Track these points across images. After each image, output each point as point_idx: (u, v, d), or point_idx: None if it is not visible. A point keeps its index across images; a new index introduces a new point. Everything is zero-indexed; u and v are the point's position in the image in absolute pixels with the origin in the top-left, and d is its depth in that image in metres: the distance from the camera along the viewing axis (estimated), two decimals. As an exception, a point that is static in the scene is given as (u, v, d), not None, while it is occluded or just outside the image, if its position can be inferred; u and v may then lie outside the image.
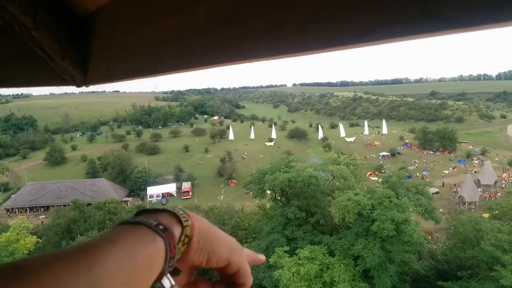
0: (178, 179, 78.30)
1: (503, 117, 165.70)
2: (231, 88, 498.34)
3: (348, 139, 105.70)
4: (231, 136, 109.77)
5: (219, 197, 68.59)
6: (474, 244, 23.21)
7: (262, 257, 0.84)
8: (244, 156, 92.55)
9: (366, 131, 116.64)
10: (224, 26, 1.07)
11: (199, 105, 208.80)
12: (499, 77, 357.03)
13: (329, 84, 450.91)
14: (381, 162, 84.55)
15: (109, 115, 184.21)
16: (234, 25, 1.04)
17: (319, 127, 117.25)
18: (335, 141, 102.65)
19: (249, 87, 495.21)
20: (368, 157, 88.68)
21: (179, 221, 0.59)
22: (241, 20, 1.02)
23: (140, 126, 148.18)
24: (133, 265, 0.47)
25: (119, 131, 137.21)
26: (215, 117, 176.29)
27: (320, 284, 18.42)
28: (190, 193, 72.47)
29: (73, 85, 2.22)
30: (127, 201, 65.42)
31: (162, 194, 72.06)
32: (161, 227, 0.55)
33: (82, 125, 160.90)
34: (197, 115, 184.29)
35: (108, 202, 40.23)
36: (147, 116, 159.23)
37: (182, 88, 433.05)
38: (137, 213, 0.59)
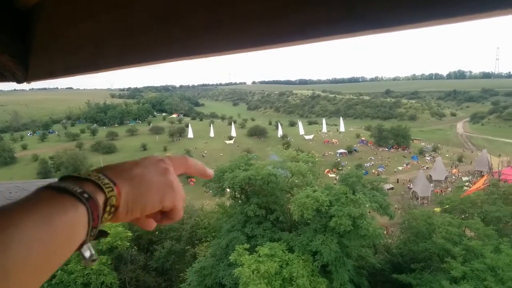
0: (136, 179, 76.59)
1: (453, 115, 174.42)
2: (190, 85, 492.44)
3: (307, 137, 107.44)
4: (190, 134, 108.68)
5: (178, 196, 67.68)
6: (426, 238, 24.16)
7: (210, 172, 0.90)
8: (204, 154, 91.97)
9: (324, 129, 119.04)
10: (165, 22, 1.05)
11: (157, 103, 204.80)
12: (449, 76, 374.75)
13: (288, 82, 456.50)
14: (339, 159, 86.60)
15: (62, 112, 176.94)
16: (174, 21, 1.02)
17: (279, 125, 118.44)
18: (294, 139, 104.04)
19: (208, 85, 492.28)
20: (326, 154, 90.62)
21: (103, 191, 0.56)
22: (181, 16, 1.01)
23: (95, 124, 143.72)
24: (51, 230, 0.45)
25: (73, 130, 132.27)
26: (174, 115, 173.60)
27: (279, 281, 18.59)
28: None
29: (13, 81, 2.11)
30: (82, 202, 63.17)
31: (119, 194, 70.27)
32: (85, 195, 0.52)
33: (32, 123, 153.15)
34: (155, 113, 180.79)
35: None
36: (103, 114, 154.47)
37: (139, 85, 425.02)
38: (62, 178, 0.57)
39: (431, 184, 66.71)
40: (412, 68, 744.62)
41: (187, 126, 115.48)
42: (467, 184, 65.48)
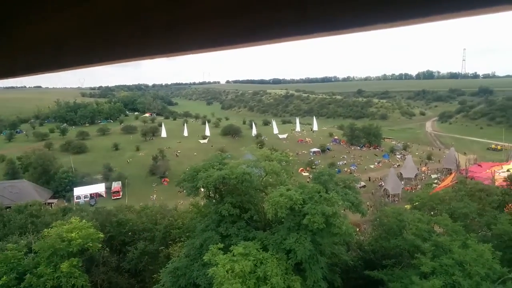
0: (107, 179, 75.28)
1: (422, 114, 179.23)
2: (164, 84, 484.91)
3: (281, 136, 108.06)
4: (163, 133, 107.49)
5: (151, 197, 67.09)
6: (397, 234, 24.67)
7: None
8: (178, 154, 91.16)
9: (298, 128, 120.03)
10: (126, 21, 1.03)
11: (130, 102, 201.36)
12: (418, 76, 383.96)
13: (262, 82, 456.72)
14: (312, 158, 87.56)
15: (30, 112, 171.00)
16: (135, 20, 1.01)
17: (253, 124, 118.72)
18: (269, 138, 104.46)
19: (182, 84, 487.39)
20: (300, 153, 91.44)
21: None
22: (141, 16, 0.99)
23: (65, 124, 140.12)
24: None
25: (42, 129, 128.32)
26: (147, 114, 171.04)
27: (254, 280, 18.61)
28: (121, 193, 70.19)
29: (-28, 80, 2.03)
30: (51, 203, 61.67)
31: (91, 195, 68.94)
32: None
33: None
34: (127, 112, 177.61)
35: (30, 205, 37.60)
36: (73, 113, 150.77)
37: (111, 84, 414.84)
38: None
39: (402, 182, 68.40)
40: (382, 68, 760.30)
41: (160, 126, 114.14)
42: (436, 181, 67.46)
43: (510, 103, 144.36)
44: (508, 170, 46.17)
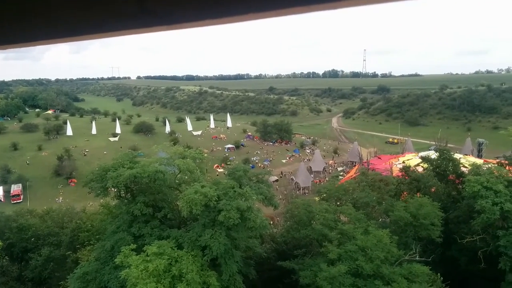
0: (5, 182, 68.51)
1: (329, 110, 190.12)
2: (68, 79, 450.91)
3: (195, 133, 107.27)
4: (69, 131, 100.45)
5: (57, 199, 62.72)
6: (306, 225, 25.95)
7: None
8: (85, 153, 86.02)
9: (212, 125, 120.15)
10: None
11: (29, 98, 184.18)
12: (324, 75, 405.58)
13: (174, 78, 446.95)
14: (227, 154, 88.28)
15: None
16: None
17: (166, 121, 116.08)
18: (183, 135, 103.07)
19: (88, 79, 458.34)
20: (214, 150, 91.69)
21: None
22: None
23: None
24: None
25: None
26: (50, 111, 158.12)
27: (169, 278, 18.38)
28: (22, 197, 64.51)
29: None
30: None
31: (-15, 200, 62.17)
32: None
33: None
34: (27, 109, 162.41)
35: None
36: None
37: (7, 78, 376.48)
38: None
39: (311, 175, 72.06)
40: (292, 66, 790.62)
41: (66, 123, 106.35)
42: (342, 173, 72.15)
43: (404, 100, 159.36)
44: (403, 162, 50.79)
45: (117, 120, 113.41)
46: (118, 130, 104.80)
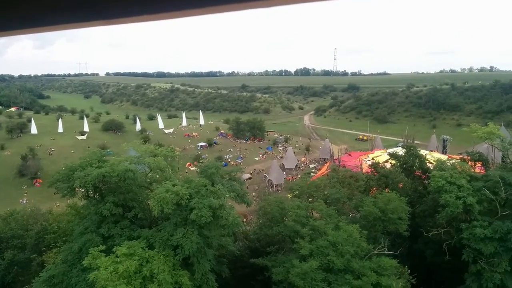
0: (-36, 183, 65.53)
1: (301, 108, 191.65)
2: (32, 75, 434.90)
3: (166, 131, 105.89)
4: (33, 130, 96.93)
5: (21, 200, 60.47)
6: (279, 222, 26.14)
7: None
8: (51, 152, 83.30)
9: (184, 122, 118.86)
10: None
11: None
12: (296, 73, 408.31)
13: (145, 75, 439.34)
14: (200, 152, 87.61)
15: None
16: None
17: (137, 118, 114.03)
18: (154, 133, 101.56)
19: (54, 75, 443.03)
20: (187, 148, 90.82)
21: None
22: None
23: None
24: None
25: None
26: (13, 109, 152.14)
27: (140, 279, 18.12)
28: (-18, 198, 61.72)
29: None
30: None
31: None
32: None
33: None
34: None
35: None
36: None
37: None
38: None
39: (284, 172, 72.46)
40: (264, 64, 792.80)
41: (30, 121, 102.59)
42: (313, 170, 73.02)
43: (373, 98, 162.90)
44: (372, 159, 51.84)
45: (85, 118, 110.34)
46: (86, 128, 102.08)
